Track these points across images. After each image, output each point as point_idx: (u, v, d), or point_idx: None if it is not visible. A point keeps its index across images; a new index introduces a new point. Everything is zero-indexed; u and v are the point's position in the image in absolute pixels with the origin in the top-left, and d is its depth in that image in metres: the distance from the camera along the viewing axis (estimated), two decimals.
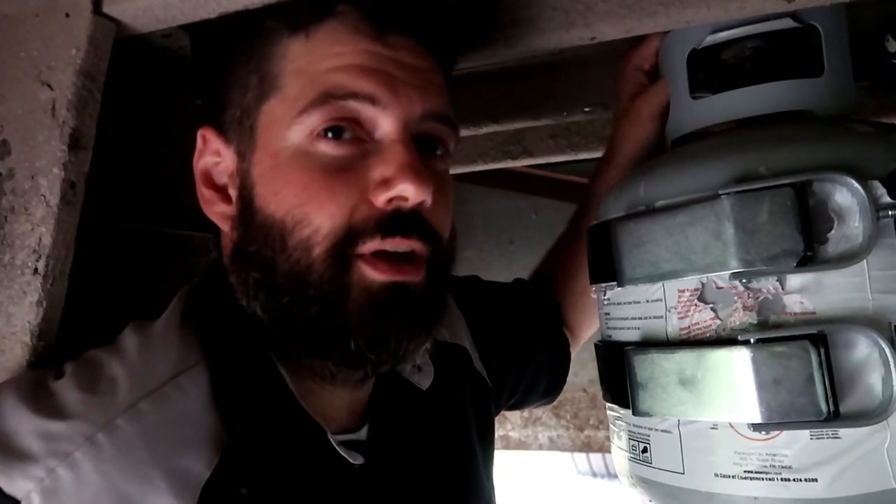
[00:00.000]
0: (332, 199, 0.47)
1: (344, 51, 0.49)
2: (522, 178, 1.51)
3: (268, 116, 0.50)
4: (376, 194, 0.48)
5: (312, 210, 0.47)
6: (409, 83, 0.50)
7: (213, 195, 0.53)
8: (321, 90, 0.48)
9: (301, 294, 0.48)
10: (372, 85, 0.48)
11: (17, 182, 0.53)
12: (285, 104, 0.49)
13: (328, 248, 0.47)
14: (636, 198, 0.59)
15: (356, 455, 0.51)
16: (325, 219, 0.47)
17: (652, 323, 0.57)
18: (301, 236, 0.47)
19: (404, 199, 0.48)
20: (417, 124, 0.51)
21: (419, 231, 0.49)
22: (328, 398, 0.53)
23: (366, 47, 0.49)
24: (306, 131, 0.48)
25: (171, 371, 0.47)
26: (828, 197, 0.49)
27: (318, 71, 0.49)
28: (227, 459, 0.45)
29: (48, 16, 0.55)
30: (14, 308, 0.51)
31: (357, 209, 0.48)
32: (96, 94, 0.54)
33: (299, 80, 0.49)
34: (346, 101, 0.48)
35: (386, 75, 0.49)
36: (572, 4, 0.58)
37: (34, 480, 0.41)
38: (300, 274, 0.48)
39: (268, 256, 0.49)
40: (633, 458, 0.60)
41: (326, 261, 0.47)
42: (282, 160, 0.49)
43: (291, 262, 0.48)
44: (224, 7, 0.53)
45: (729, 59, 0.65)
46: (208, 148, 0.54)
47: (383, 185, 0.48)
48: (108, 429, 0.43)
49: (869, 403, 0.48)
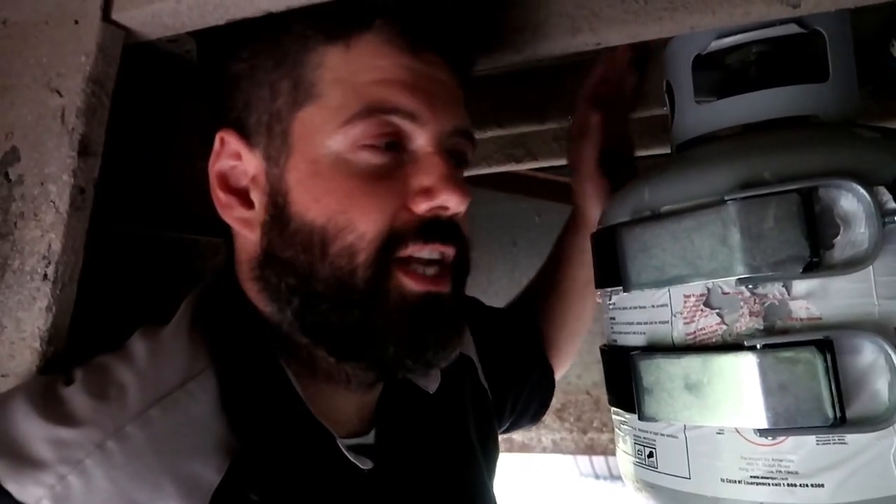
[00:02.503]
0: (376, 205, 0.49)
1: (386, 65, 0.50)
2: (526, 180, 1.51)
3: (305, 123, 0.51)
4: (417, 202, 0.50)
5: (357, 216, 0.48)
6: (443, 99, 0.52)
7: (231, 199, 0.53)
8: (366, 103, 0.49)
9: (342, 299, 0.49)
10: (414, 102, 0.50)
11: (27, 188, 0.54)
12: (326, 113, 0.50)
13: (372, 254, 0.48)
14: (641, 203, 0.59)
15: (365, 460, 0.51)
16: (370, 224, 0.48)
17: (658, 328, 0.57)
18: (345, 242, 0.48)
19: (445, 208, 0.50)
20: (447, 139, 0.53)
21: (455, 238, 0.52)
22: (339, 401, 0.53)
23: (405, 63, 0.51)
24: (349, 141, 0.49)
25: (181, 377, 0.47)
26: (833, 203, 0.49)
27: (361, 83, 0.50)
28: (237, 465, 0.45)
29: (58, 23, 0.55)
30: (24, 313, 0.52)
31: (398, 215, 0.49)
32: (105, 101, 0.55)
33: (341, 90, 0.50)
34: (388, 116, 0.49)
35: (425, 92, 0.51)
36: (578, 10, 0.58)
37: (45, 487, 0.42)
38: (342, 279, 0.49)
39: (305, 262, 0.49)
40: (639, 463, 0.60)
41: (371, 266, 0.48)
42: (322, 167, 0.49)
43: (334, 267, 0.49)
44: (232, 14, 0.53)
45: (734, 64, 0.65)
46: (226, 150, 0.54)
47: (425, 194, 0.50)
48: (119, 436, 0.43)
49: (875, 409, 0.48)
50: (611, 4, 0.57)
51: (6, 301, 0.52)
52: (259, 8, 0.52)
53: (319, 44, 0.51)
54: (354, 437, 0.54)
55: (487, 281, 1.75)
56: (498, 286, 1.74)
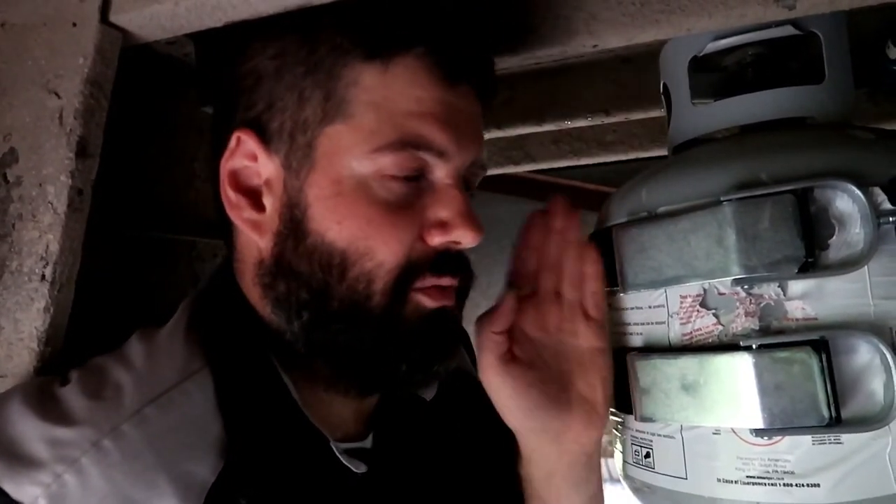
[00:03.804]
0: (395, 236, 0.49)
1: (423, 96, 0.49)
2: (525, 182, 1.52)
3: (332, 140, 0.49)
4: (432, 234, 0.50)
5: (377, 245, 0.48)
6: (470, 134, 0.52)
7: (241, 199, 0.52)
8: (400, 135, 0.48)
9: (356, 322, 0.49)
10: (445, 139, 0.49)
11: (25, 189, 0.54)
12: (357, 135, 0.49)
13: (390, 282, 0.48)
14: (638, 204, 0.60)
15: (359, 463, 0.51)
16: (389, 255, 0.48)
17: (654, 329, 0.57)
18: (364, 269, 0.48)
19: (458, 242, 0.51)
20: (466, 170, 0.53)
21: (463, 270, 0.53)
22: (336, 407, 0.53)
23: (441, 96, 0.50)
24: (376, 168, 0.49)
25: (177, 377, 0.47)
26: (829, 203, 0.50)
27: (397, 111, 0.49)
28: (230, 465, 0.45)
29: (56, 25, 0.55)
30: (22, 314, 0.52)
31: (414, 247, 0.49)
32: (103, 103, 0.55)
33: (376, 114, 0.49)
34: (420, 151, 0.49)
35: (456, 128, 0.50)
36: (575, 12, 0.58)
37: (41, 486, 0.42)
38: (358, 303, 0.49)
39: (322, 280, 0.49)
40: (636, 464, 0.60)
41: (387, 294, 0.48)
42: (345, 189, 0.49)
43: (351, 291, 0.49)
44: (230, 16, 0.53)
45: (730, 66, 0.66)
46: (242, 150, 0.52)
47: (440, 228, 0.50)
48: (114, 434, 0.43)
49: (870, 409, 0.48)
50: (608, 7, 0.57)
51: (4, 302, 0.52)
52: (256, 11, 0.52)
53: (357, 60, 0.49)
54: (352, 442, 0.53)
55: (487, 283, 1.74)
56: (497, 288, 1.74)
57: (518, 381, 0.57)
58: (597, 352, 0.59)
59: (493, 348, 0.57)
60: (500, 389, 0.57)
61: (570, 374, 0.59)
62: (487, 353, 0.57)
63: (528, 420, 0.58)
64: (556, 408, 0.57)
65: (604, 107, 0.91)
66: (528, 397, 0.57)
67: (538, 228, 0.61)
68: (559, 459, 0.59)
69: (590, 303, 0.59)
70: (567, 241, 0.60)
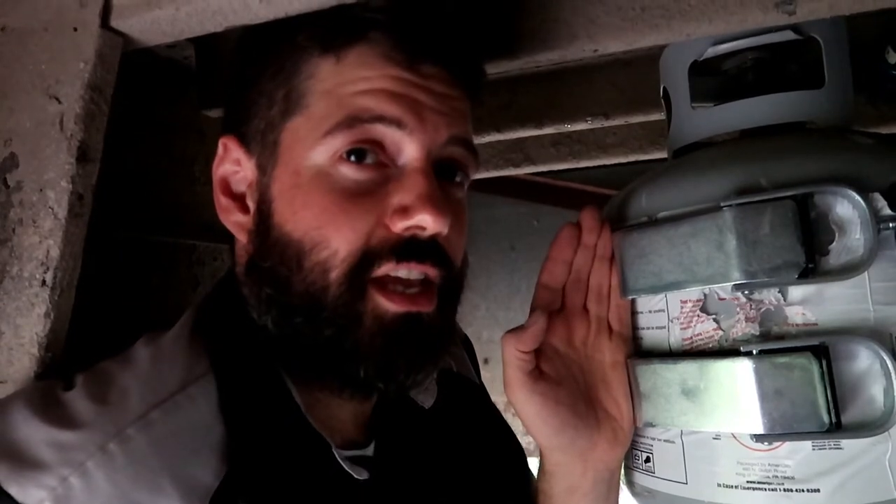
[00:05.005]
0: (349, 224, 0.48)
1: (373, 75, 0.49)
2: (524, 185, 1.52)
3: (291, 134, 0.50)
4: (394, 220, 0.48)
5: (330, 233, 0.48)
6: (436, 109, 0.50)
7: (230, 203, 0.53)
8: (347, 113, 0.48)
9: (314, 316, 0.48)
10: (398, 109, 0.48)
11: (26, 194, 0.54)
12: (310, 124, 0.49)
13: (345, 272, 0.48)
14: (638, 208, 0.60)
15: (361, 470, 0.51)
16: (343, 242, 0.47)
17: (654, 333, 0.57)
18: (318, 259, 0.48)
19: (422, 228, 0.48)
20: (441, 149, 0.51)
21: (434, 258, 0.50)
22: (335, 410, 0.53)
23: (395, 73, 0.49)
24: (329, 153, 0.48)
25: (181, 381, 0.47)
26: (829, 209, 0.49)
27: (346, 94, 0.49)
28: (234, 470, 0.45)
29: (56, 30, 0.55)
30: (22, 320, 0.52)
31: (374, 233, 0.48)
32: (104, 107, 0.55)
33: (326, 101, 0.49)
34: (372, 125, 0.48)
35: (413, 101, 0.49)
36: (575, 17, 0.58)
37: (46, 489, 0.42)
38: (315, 296, 0.48)
39: (283, 274, 0.49)
40: (636, 468, 0.60)
41: (343, 285, 0.48)
42: (303, 180, 0.49)
43: (307, 283, 0.48)
44: (231, 21, 0.53)
45: (731, 71, 0.66)
46: (229, 156, 0.54)
47: (401, 213, 0.48)
48: (120, 438, 0.43)
49: (871, 414, 0.48)
50: (608, 11, 0.57)
51: (5, 307, 0.52)
52: (257, 15, 0.52)
53: (314, 55, 0.50)
54: (354, 449, 0.53)
55: (486, 285, 1.75)
56: (497, 290, 1.75)
57: (547, 399, 0.56)
58: (619, 366, 0.59)
59: (521, 366, 0.56)
60: (528, 406, 0.56)
61: (596, 390, 0.59)
62: (515, 369, 0.56)
63: (555, 438, 0.57)
64: (584, 426, 0.57)
65: (603, 110, 0.91)
66: (556, 415, 0.56)
67: (569, 242, 0.60)
68: (583, 476, 0.59)
69: (614, 316, 0.59)
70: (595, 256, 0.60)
